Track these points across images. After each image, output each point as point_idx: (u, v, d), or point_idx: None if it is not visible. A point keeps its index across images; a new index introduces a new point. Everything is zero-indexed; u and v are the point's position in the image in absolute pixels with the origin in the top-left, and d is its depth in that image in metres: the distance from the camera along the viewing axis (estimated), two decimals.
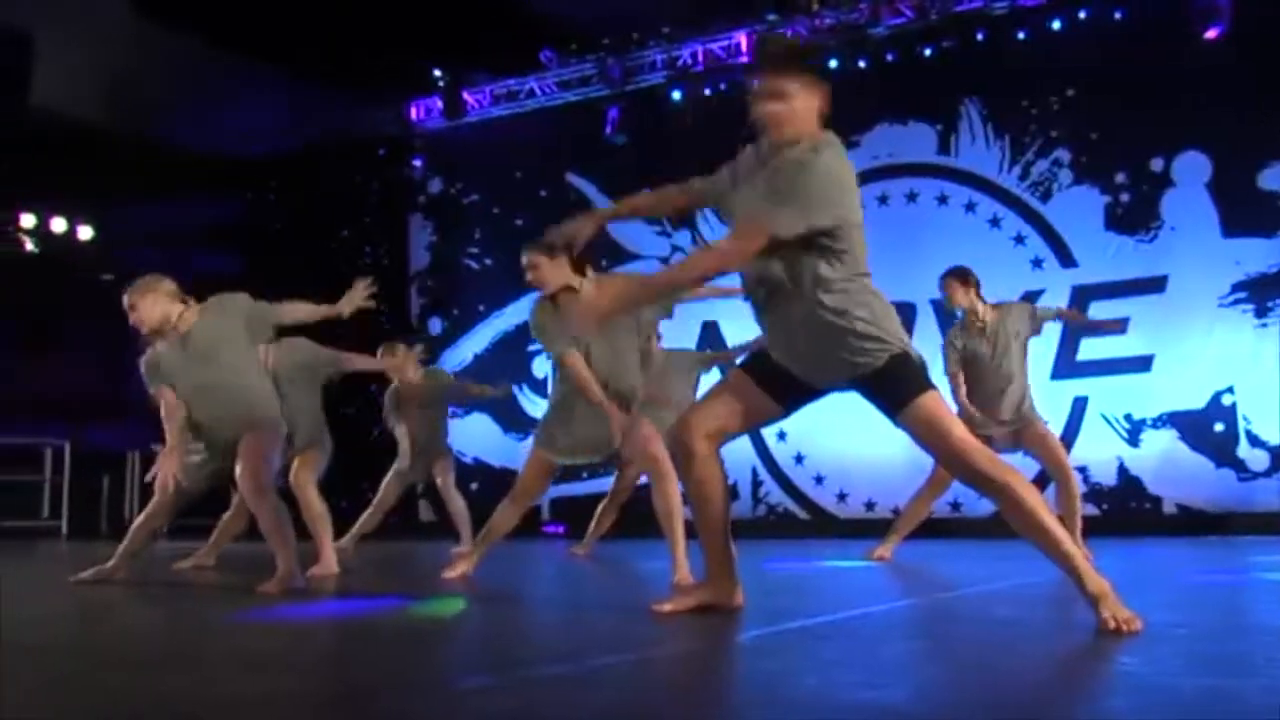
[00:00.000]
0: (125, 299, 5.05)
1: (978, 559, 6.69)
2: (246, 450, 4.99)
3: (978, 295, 6.33)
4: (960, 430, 3.23)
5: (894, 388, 3.24)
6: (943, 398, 3.30)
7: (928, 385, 3.25)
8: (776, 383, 3.42)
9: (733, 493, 10.61)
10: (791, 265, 3.25)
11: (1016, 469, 3.27)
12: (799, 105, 3.24)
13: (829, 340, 3.26)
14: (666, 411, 6.82)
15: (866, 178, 10.33)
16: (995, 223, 10.05)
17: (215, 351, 5.01)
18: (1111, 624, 2.99)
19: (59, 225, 11.13)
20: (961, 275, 6.35)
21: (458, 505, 7.93)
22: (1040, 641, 3.17)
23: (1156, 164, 9.54)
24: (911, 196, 10.30)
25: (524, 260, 5.12)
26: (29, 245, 10.90)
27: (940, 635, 3.29)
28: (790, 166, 3.17)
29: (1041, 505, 3.20)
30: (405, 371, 7.72)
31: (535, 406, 11.24)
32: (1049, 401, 9.43)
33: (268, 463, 5.03)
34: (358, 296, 5.38)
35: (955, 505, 9.63)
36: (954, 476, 3.31)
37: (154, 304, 5.04)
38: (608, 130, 11.66)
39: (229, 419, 5.02)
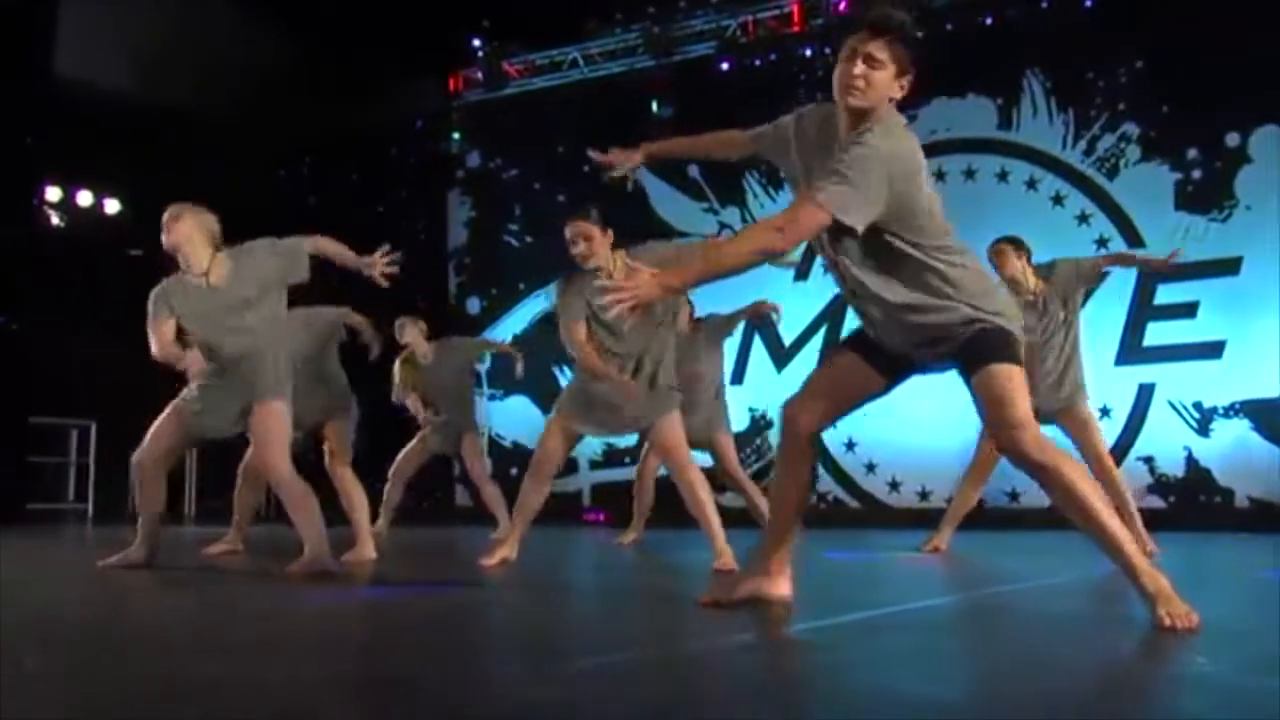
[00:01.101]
0: (166, 215, 4.94)
1: (1036, 551, 6.66)
2: (258, 429, 4.97)
3: (1029, 264, 6.28)
4: (1025, 408, 3.19)
5: (977, 352, 3.23)
6: (1021, 374, 3.26)
7: (1009, 357, 3.22)
8: (881, 355, 3.42)
9: None
10: (870, 247, 3.24)
11: (1069, 453, 3.26)
12: (883, 80, 3.21)
13: (918, 317, 3.25)
14: (700, 388, 6.89)
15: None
16: (1058, 200, 9.95)
17: (246, 305, 4.92)
18: (1167, 621, 2.98)
19: (85, 199, 11.21)
20: (1015, 242, 6.30)
21: (490, 490, 8.06)
22: (1102, 638, 3.16)
23: (1232, 139, 9.39)
24: (969, 173, 10.21)
25: (571, 231, 5.14)
26: (55, 219, 11.00)
27: (998, 630, 3.28)
28: (861, 151, 3.13)
29: (1095, 493, 3.18)
30: (417, 345, 8.03)
31: None
32: (1114, 388, 9.38)
33: (281, 441, 4.97)
34: (379, 265, 5.33)
35: (1013, 495, 9.57)
36: (1002, 453, 3.28)
37: (193, 230, 4.94)
38: (653, 103, 11.63)
39: (240, 381, 4.96)
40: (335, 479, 6.06)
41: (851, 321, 9.77)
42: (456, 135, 12.94)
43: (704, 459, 6.78)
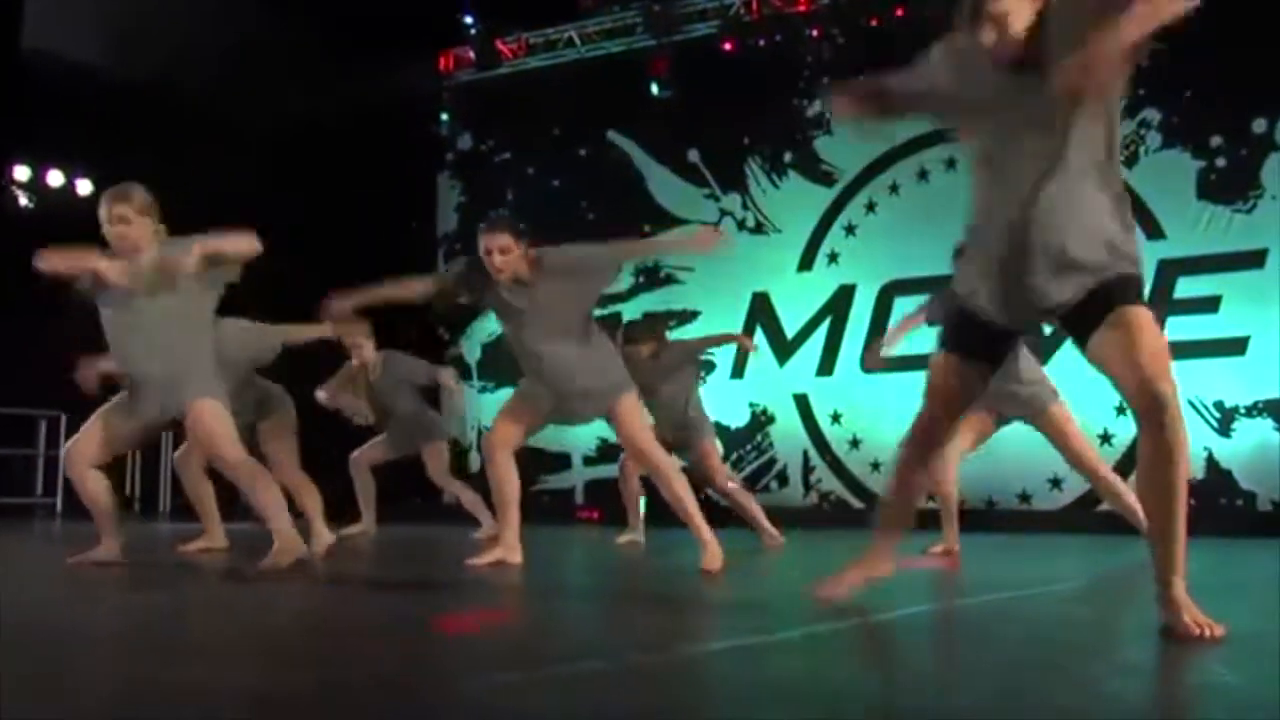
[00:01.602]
0: (114, 208, 4.87)
1: (1048, 554, 6.63)
2: (195, 427, 4.99)
3: None
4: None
5: (1117, 293, 3.06)
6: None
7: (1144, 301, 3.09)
8: (978, 345, 3.32)
9: (783, 479, 10.73)
10: (1091, 133, 3.11)
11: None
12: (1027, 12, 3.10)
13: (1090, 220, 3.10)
14: (660, 404, 6.91)
15: (931, 139, 10.23)
16: None
17: (168, 293, 4.84)
18: (1194, 630, 2.93)
19: (56, 179, 11.13)
20: None
21: (464, 495, 8.15)
22: (1122, 646, 3.13)
23: (1259, 125, 9.35)
24: (952, 164, 10.18)
25: (488, 242, 5.12)
26: (23, 200, 10.92)
27: (1010, 637, 3.25)
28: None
29: (1187, 471, 3.01)
30: (362, 350, 7.98)
31: None
32: None
33: (224, 430, 4.96)
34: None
35: (1024, 497, 9.56)
36: (1147, 401, 3.03)
37: (146, 228, 4.92)
38: (653, 84, 11.59)
39: (160, 376, 4.92)
40: (274, 464, 6.12)
41: (859, 313, 9.64)
42: (446, 116, 12.90)
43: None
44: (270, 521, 4.93)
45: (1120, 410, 9.12)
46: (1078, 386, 9.56)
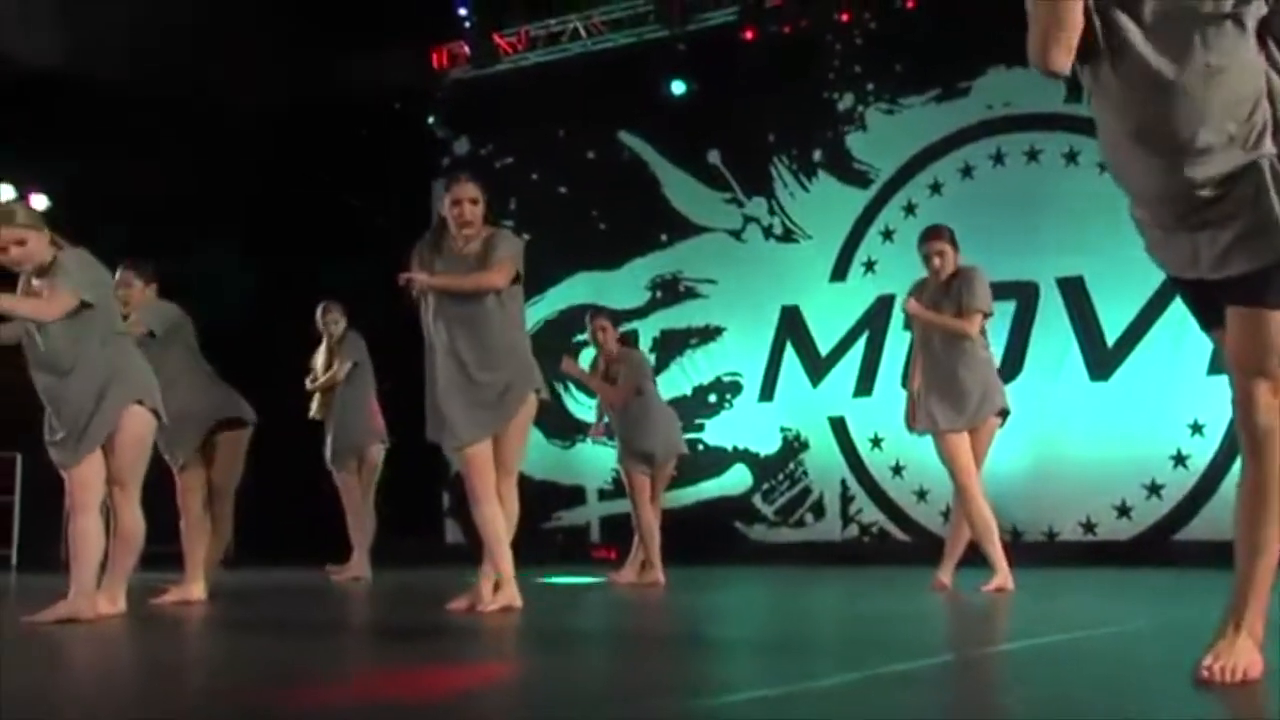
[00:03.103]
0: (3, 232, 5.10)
1: (1114, 591, 6.59)
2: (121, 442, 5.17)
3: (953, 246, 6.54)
4: None
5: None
6: None
7: None
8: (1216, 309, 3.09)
9: (819, 510, 10.70)
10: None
11: None
12: None
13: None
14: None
15: (977, 132, 10.23)
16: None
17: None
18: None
19: (7, 193, 11.15)
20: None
21: (363, 520, 8.34)
22: (1205, 692, 3.09)
23: None
24: (1032, 154, 10.16)
25: (461, 192, 5.68)
26: None
27: (1067, 684, 3.22)
28: None
29: None
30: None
31: (583, 408, 11.25)
32: (1206, 401, 9.26)
33: (143, 454, 5.26)
34: None
35: (1089, 526, 9.50)
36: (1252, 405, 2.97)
37: (43, 241, 5.17)
38: (671, 82, 11.62)
39: (81, 390, 5.11)
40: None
41: (899, 326, 9.61)
42: (440, 118, 12.93)
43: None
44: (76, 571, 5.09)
45: (1195, 429, 9.08)
46: (1147, 404, 9.52)
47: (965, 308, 6.38)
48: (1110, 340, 9.53)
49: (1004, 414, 6.54)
